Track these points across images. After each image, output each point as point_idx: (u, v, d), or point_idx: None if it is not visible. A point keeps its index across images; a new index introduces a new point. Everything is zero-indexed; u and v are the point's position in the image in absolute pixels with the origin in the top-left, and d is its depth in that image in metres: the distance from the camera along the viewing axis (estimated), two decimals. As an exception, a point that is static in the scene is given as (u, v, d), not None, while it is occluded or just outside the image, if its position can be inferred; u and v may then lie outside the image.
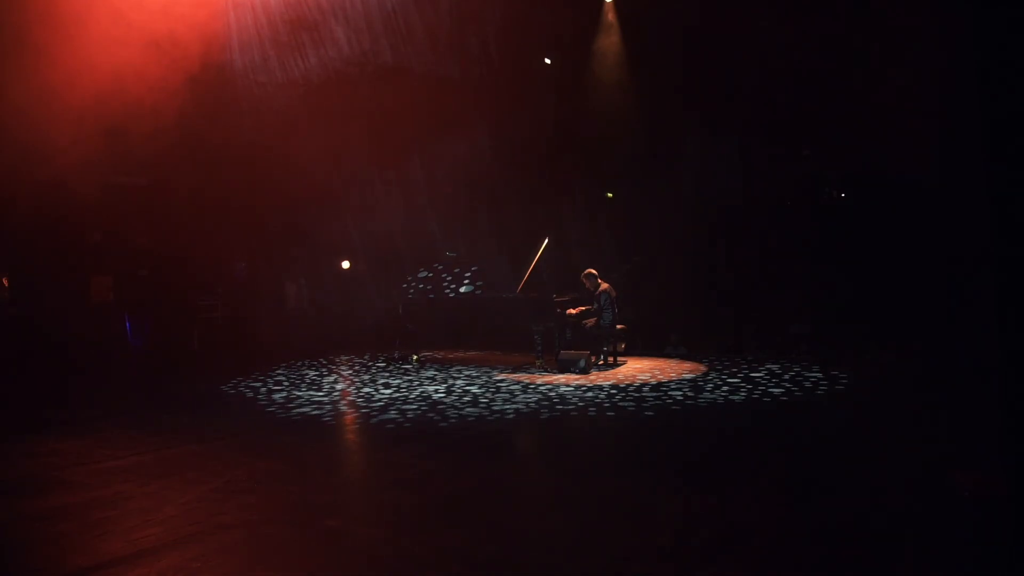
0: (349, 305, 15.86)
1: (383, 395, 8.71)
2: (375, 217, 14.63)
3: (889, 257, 10.99)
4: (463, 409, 7.63)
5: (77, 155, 9.97)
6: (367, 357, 12.79)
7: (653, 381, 8.92)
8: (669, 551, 3.68)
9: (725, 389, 8.18)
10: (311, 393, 9.06)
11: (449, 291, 11.63)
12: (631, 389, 8.43)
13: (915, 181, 10.54)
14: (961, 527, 3.88)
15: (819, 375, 8.83)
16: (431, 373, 10.48)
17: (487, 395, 8.42)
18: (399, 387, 9.28)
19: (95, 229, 13.05)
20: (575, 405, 7.66)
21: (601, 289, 10.39)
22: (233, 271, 15.29)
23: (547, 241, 10.78)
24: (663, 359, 10.95)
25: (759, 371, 9.31)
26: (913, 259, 10.53)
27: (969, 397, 6.40)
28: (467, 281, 11.42)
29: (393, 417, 7.35)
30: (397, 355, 12.19)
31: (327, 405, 8.25)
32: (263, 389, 9.52)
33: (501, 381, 9.46)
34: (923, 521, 3.99)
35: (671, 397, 7.83)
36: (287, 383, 9.98)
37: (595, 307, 10.44)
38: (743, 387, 8.26)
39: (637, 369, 10.02)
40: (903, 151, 10.52)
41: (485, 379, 9.68)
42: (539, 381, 9.34)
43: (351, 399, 8.65)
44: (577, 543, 3.86)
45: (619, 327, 10.49)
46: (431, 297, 11.86)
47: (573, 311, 10.68)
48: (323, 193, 14.31)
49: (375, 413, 7.61)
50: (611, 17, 14.18)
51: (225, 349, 13.61)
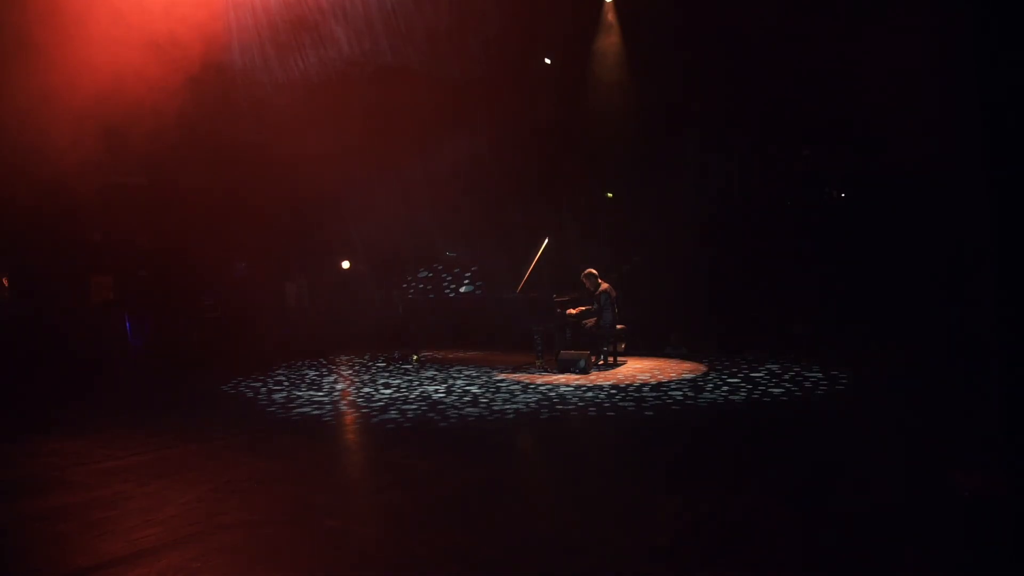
0: (349, 305, 15.86)
1: (383, 395, 8.72)
2: (375, 217, 14.63)
3: (889, 257, 10.99)
4: (463, 409, 7.63)
5: (77, 155, 9.96)
6: (367, 357, 12.80)
7: (653, 381, 8.92)
8: (669, 551, 3.68)
9: (725, 389, 8.18)
10: (311, 393, 9.07)
11: (449, 291, 11.64)
12: (631, 389, 8.43)
13: (915, 181, 10.54)
14: (961, 527, 3.88)
15: (819, 375, 8.83)
16: (431, 373, 10.48)
17: (487, 395, 8.42)
18: (399, 387, 9.29)
19: (95, 229, 13.05)
20: (575, 405, 7.66)
21: (601, 289, 10.39)
22: (233, 271, 15.29)
23: (547, 241, 10.79)
24: (663, 359, 10.95)
25: (759, 371, 9.31)
26: (913, 259, 10.53)
27: (969, 397, 6.40)
28: (467, 281, 11.43)
29: (393, 417, 7.35)
30: (397, 355, 12.20)
31: (327, 405, 8.26)
32: (263, 389, 9.53)
33: (501, 381, 9.46)
34: (923, 521, 3.99)
35: (671, 397, 7.83)
36: (287, 383, 9.99)
37: (595, 307, 10.44)
38: (743, 387, 8.26)
39: (637, 369, 10.02)
40: (903, 151, 10.52)
41: (485, 379, 9.68)
42: (539, 381, 9.34)
43: (351, 399, 8.65)
44: (577, 543, 3.86)
45: (619, 327, 10.50)
46: (431, 297, 11.87)
47: (573, 311, 10.69)
48: (323, 193, 14.31)
49: (375, 413, 7.62)
50: (611, 17, 14.18)
51: (225, 349, 13.61)
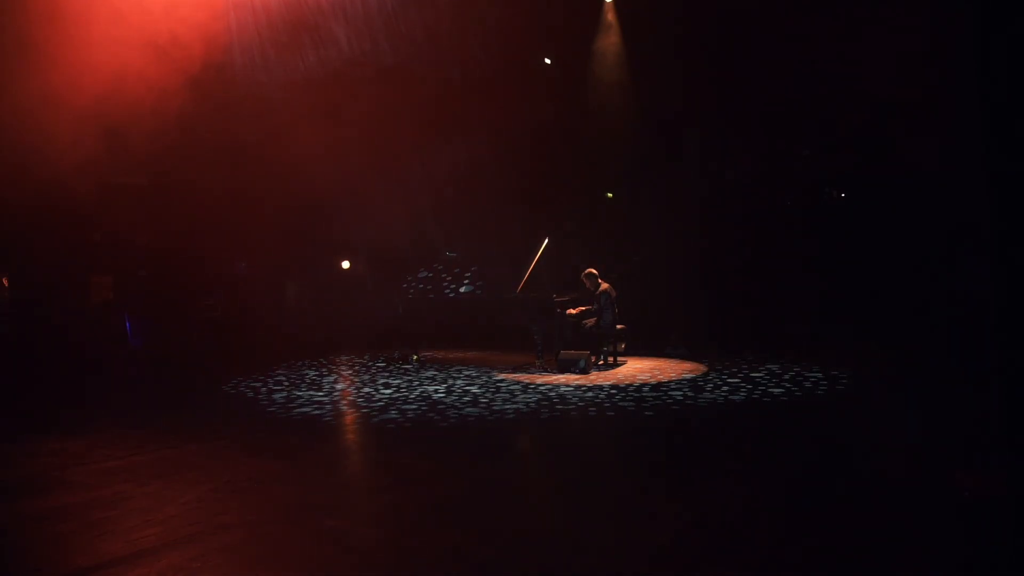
0: (349, 305, 15.85)
1: (383, 395, 8.72)
2: (375, 217, 14.63)
3: (889, 257, 10.99)
4: (463, 409, 7.63)
5: (77, 155, 9.96)
6: (367, 357, 12.80)
7: (653, 381, 8.92)
8: (669, 551, 3.68)
9: (725, 389, 8.18)
10: (311, 393, 9.07)
11: (449, 291, 11.63)
12: (631, 389, 8.43)
13: (915, 181, 10.54)
14: (961, 527, 3.88)
15: (819, 375, 8.83)
16: (431, 373, 10.48)
17: (487, 395, 8.43)
18: (399, 387, 9.29)
19: (95, 229, 13.04)
20: (575, 405, 7.66)
21: (601, 289, 10.39)
22: (233, 271, 15.28)
23: (547, 241, 10.79)
24: (663, 359, 10.95)
25: (759, 371, 9.31)
26: (913, 259, 10.53)
27: (969, 397, 6.40)
28: (467, 281, 11.43)
29: (393, 417, 7.35)
30: (397, 355, 12.20)
31: (327, 405, 8.26)
32: (263, 389, 9.52)
33: (501, 381, 9.46)
34: (923, 521, 3.99)
35: (671, 397, 7.83)
36: (287, 383, 9.98)
37: (595, 307, 10.44)
38: (743, 387, 8.26)
39: (637, 369, 10.02)
40: (903, 151, 10.52)
41: (485, 379, 9.68)
42: (539, 381, 9.34)
43: (351, 399, 8.65)
44: (577, 543, 3.86)
45: (619, 327, 10.50)
46: (431, 297, 11.87)
47: (573, 311, 10.69)
48: (323, 193, 14.31)
49: (375, 413, 7.62)
50: (611, 17, 14.18)
51: (225, 349, 13.61)
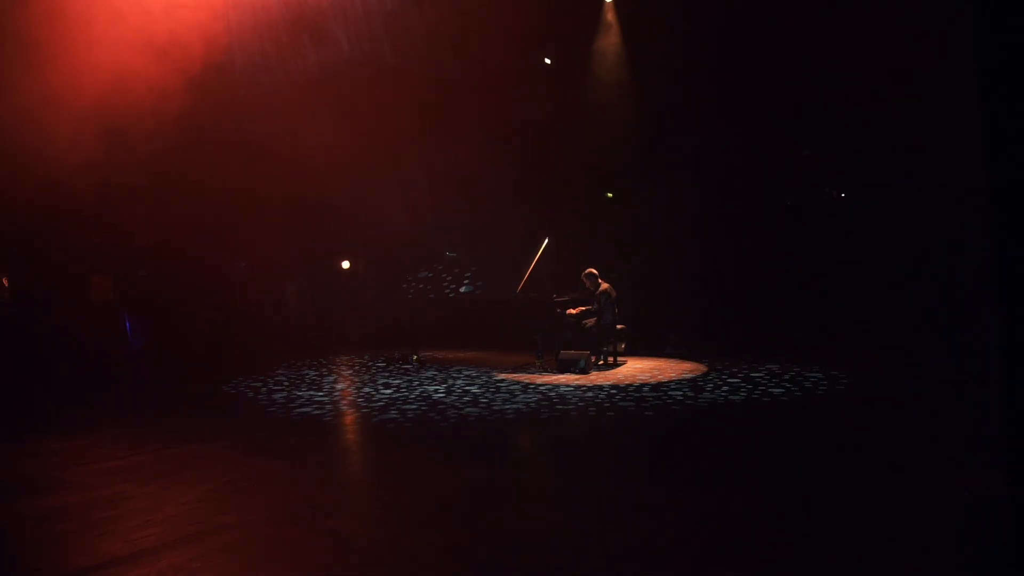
0: (349, 305, 15.85)
1: (383, 395, 8.72)
2: (375, 217, 14.63)
3: (889, 257, 10.99)
4: (463, 409, 7.63)
5: (78, 155, 9.97)
6: (367, 357, 12.80)
7: (653, 381, 8.92)
8: (669, 551, 3.68)
9: (725, 389, 8.18)
10: (311, 393, 9.07)
11: (449, 291, 11.64)
12: (631, 389, 8.43)
13: (915, 181, 10.54)
14: (961, 527, 3.88)
15: (819, 375, 8.83)
16: (431, 373, 10.48)
17: (487, 395, 8.43)
18: (399, 387, 9.29)
19: (95, 229, 13.04)
20: (575, 405, 7.66)
21: (601, 289, 10.39)
22: (233, 271, 15.29)
23: (547, 241, 10.79)
24: (663, 359, 10.95)
25: (759, 371, 9.31)
26: (913, 259, 10.53)
27: (969, 397, 6.40)
28: (467, 281, 11.43)
29: (393, 417, 7.35)
30: (397, 355, 12.20)
31: (327, 405, 8.26)
32: (263, 389, 9.53)
33: (501, 381, 9.46)
34: (923, 521, 3.99)
35: (671, 397, 7.83)
36: (287, 383, 9.98)
37: (595, 307, 10.44)
38: (743, 387, 8.26)
39: (637, 369, 10.02)
40: (903, 151, 10.52)
41: (485, 379, 9.68)
42: (539, 381, 9.34)
43: (351, 399, 8.65)
44: (577, 543, 3.86)
45: (619, 327, 10.49)
46: (431, 297, 11.87)
47: (573, 311, 10.69)
48: (323, 193, 14.31)
49: (375, 413, 7.62)
50: (611, 17, 14.18)
51: (225, 349, 13.61)
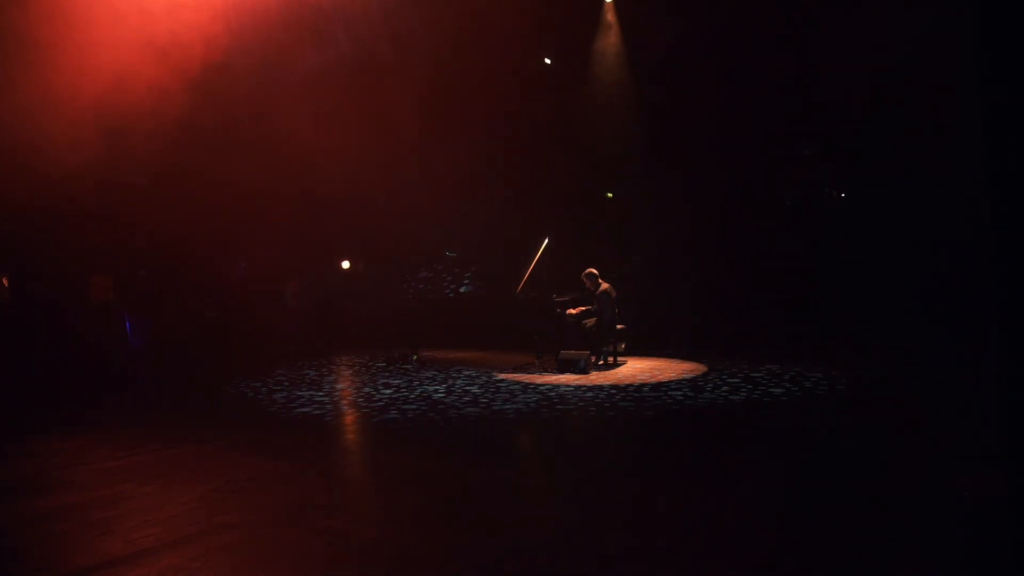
0: (349, 305, 15.85)
1: (383, 395, 8.72)
2: (375, 217, 14.63)
3: (889, 257, 10.98)
4: (463, 409, 7.63)
5: (77, 155, 9.98)
6: (367, 357, 12.79)
7: (653, 381, 8.92)
8: (669, 552, 3.68)
9: (725, 389, 8.18)
10: (312, 393, 9.07)
11: (449, 291, 11.64)
12: (631, 389, 8.43)
13: (915, 181, 10.54)
14: (961, 527, 3.88)
15: (819, 375, 8.83)
16: (431, 373, 10.48)
17: (487, 395, 8.42)
18: (399, 387, 9.29)
19: (95, 229, 13.04)
20: (575, 405, 7.66)
21: (601, 289, 10.38)
22: (234, 271, 15.29)
23: (547, 241, 10.79)
24: (663, 359, 10.95)
25: (759, 371, 9.31)
26: (913, 258, 10.53)
27: (969, 398, 6.40)
28: (467, 281, 11.43)
29: (393, 417, 7.35)
30: (397, 355, 12.20)
31: (327, 405, 8.26)
32: (263, 389, 9.52)
33: (501, 381, 9.46)
34: (923, 521, 3.99)
35: (671, 397, 7.83)
36: (287, 383, 9.98)
37: (595, 307, 10.44)
38: (743, 387, 8.26)
39: (637, 369, 10.02)
40: (903, 150, 10.52)
41: (485, 379, 9.68)
42: (539, 381, 9.34)
43: (351, 399, 8.65)
44: (577, 543, 3.86)
45: (619, 327, 10.49)
46: (431, 297, 11.87)
47: (573, 311, 10.68)
48: (323, 193, 14.31)
49: (375, 413, 7.62)
50: (611, 17, 14.18)
51: (225, 349, 13.61)
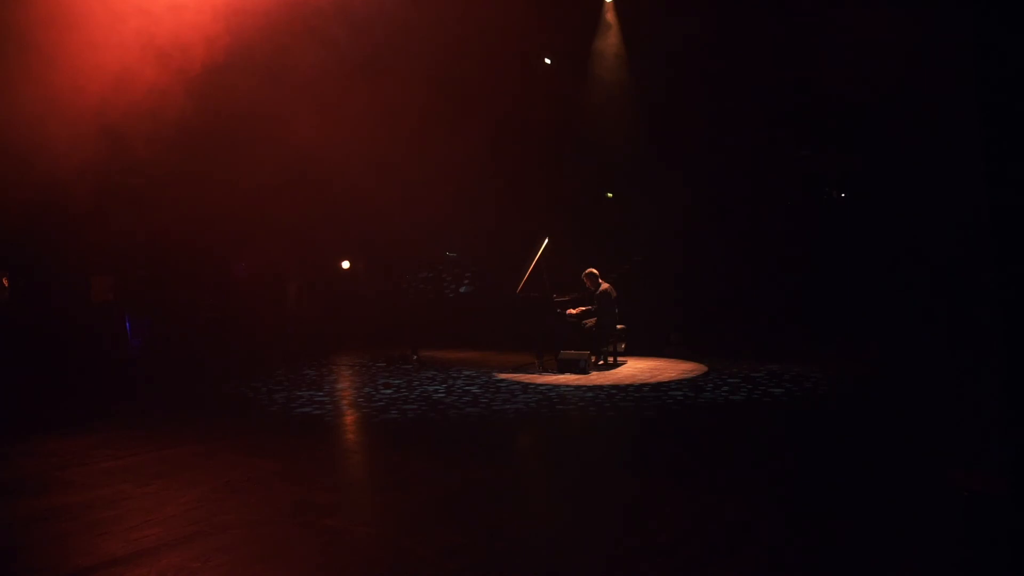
0: (349, 305, 15.86)
1: (383, 395, 8.71)
2: (375, 217, 14.63)
3: (889, 256, 10.99)
4: (463, 409, 7.63)
5: (78, 155, 9.97)
6: (367, 357, 12.79)
7: (653, 381, 8.92)
8: (669, 551, 3.68)
9: (725, 389, 8.18)
10: (311, 393, 9.06)
11: (449, 291, 11.64)
12: (631, 389, 8.43)
13: (915, 180, 10.54)
14: (961, 527, 3.88)
15: (819, 375, 8.83)
16: (431, 373, 10.48)
17: (487, 395, 8.42)
18: (399, 387, 9.28)
19: (95, 229, 13.04)
20: (575, 405, 7.66)
21: (601, 289, 10.38)
22: (234, 271, 15.28)
23: (547, 241, 10.78)
24: (663, 359, 10.95)
25: (759, 371, 9.31)
26: (913, 258, 10.53)
27: (969, 396, 6.40)
28: (466, 281, 11.43)
29: (393, 417, 7.35)
30: (397, 355, 12.20)
31: (327, 405, 8.25)
32: (263, 389, 9.52)
33: (501, 381, 9.46)
34: (923, 521, 3.99)
35: (671, 397, 7.83)
36: (287, 383, 9.98)
37: (595, 307, 10.44)
38: (743, 387, 8.26)
39: (637, 369, 10.02)
40: (903, 150, 10.52)
41: (485, 379, 9.68)
42: (539, 381, 9.34)
43: (351, 399, 8.65)
44: (577, 543, 3.86)
45: (619, 327, 10.49)
46: (430, 297, 11.86)
47: (573, 311, 10.68)
48: (323, 193, 14.31)
49: (375, 413, 7.62)
50: (611, 17, 14.19)
51: (225, 349, 13.61)
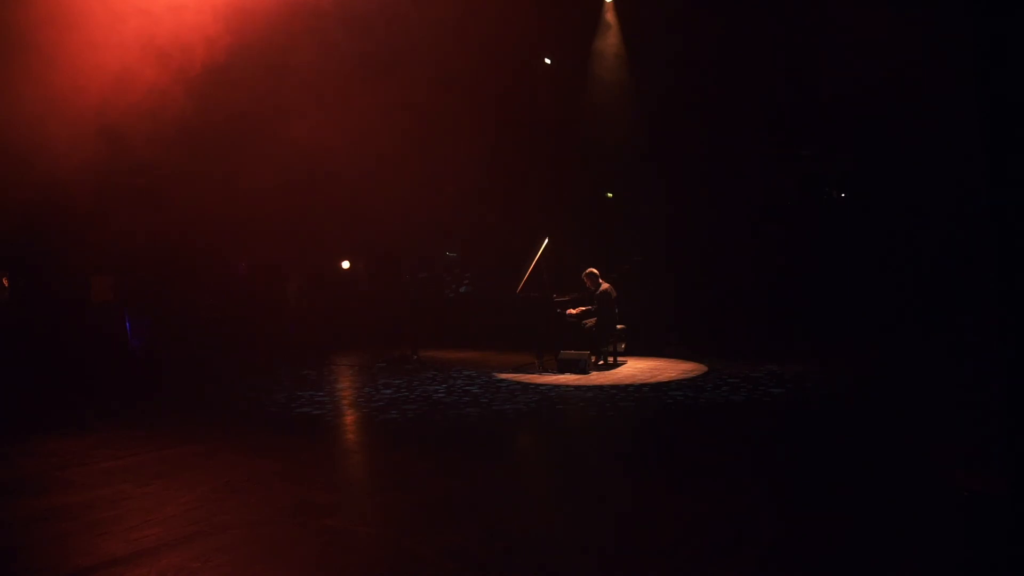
0: (349, 305, 15.85)
1: (383, 395, 8.71)
2: (376, 217, 14.63)
3: (889, 256, 10.99)
4: (463, 409, 7.63)
5: (78, 155, 9.98)
6: (367, 357, 12.79)
7: (653, 381, 8.92)
8: (669, 552, 3.68)
9: (725, 389, 8.18)
10: (312, 393, 9.06)
11: (449, 291, 11.64)
12: (631, 389, 8.43)
13: (915, 180, 10.54)
14: (961, 527, 3.88)
15: (819, 375, 8.83)
16: (431, 373, 10.48)
17: (487, 395, 8.42)
18: (399, 387, 9.28)
19: (95, 229, 13.04)
20: (575, 405, 7.66)
21: (602, 289, 10.38)
22: (234, 271, 15.28)
23: (547, 241, 10.78)
24: (663, 359, 10.95)
25: (759, 371, 9.31)
26: (914, 258, 10.53)
27: (969, 396, 6.40)
28: (466, 282, 11.43)
29: (393, 417, 7.35)
30: (397, 355, 12.19)
31: (328, 405, 8.25)
32: (264, 389, 9.52)
33: (501, 381, 9.46)
34: (923, 521, 3.99)
35: (671, 397, 7.83)
36: (287, 383, 9.98)
37: (595, 307, 10.43)
38: (743, 387, 8.26)
39: (637, 369, 10.02)
40: (904, 149, 10.53)
41: (485, 379, 9.68)
42: (539, 381, 9.34)
43: (351, 399, 8.65)
44: (577, 543, 3.86)
45: (619, 327, 10.49)
46: (430, 298, 11.86)
47: (573, 311, 10.68)
48: (324, 193, 14.31)
49: (375, 413, 7.62)
50: (611, 17, 14.19)
51: (226, 348, 13.61)
